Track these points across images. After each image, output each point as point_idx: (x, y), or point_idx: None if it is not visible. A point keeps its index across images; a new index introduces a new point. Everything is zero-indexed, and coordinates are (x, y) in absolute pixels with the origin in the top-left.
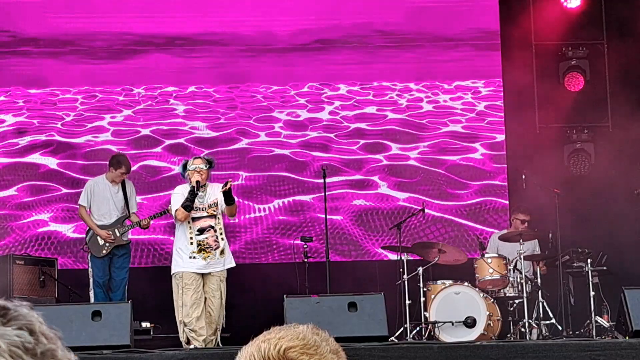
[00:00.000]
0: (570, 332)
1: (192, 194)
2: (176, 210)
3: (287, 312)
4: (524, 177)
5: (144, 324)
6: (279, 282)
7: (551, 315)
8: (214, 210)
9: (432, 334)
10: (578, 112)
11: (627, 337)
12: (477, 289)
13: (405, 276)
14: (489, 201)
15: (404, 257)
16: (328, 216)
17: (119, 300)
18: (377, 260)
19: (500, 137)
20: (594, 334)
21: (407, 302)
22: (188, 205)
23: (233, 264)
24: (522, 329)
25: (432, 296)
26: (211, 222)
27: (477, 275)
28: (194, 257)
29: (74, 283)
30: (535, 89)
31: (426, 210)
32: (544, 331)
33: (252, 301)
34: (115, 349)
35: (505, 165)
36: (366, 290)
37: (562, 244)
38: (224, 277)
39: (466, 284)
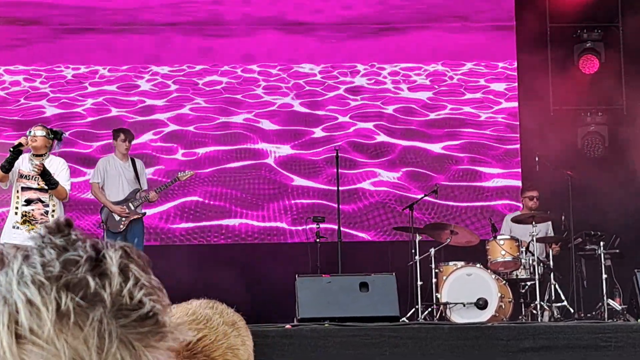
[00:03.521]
0: (582, 315)
1: (12, 155)
2: None
3: (298, 291)
4: (537, 159)
5: None
6: (291, 262)
7: (563, 298)
8: (39, 183)
9: (443, 315)
10: (592, 94)
11: (638, 320)
12: (489, 271)
13: (417, 257)
14: (502, 183)
15: (416, 238)
16: (340, 196)
17: None
18: (389, 241)
19: (514, 119)
20: (606, 316)
21: (419, 283)
22: (4, 165)
23: None
24: (534, 311)
25: (444, 277)
26: (41, 195)
27: (489, 256)
28: (17, 227)
29: None
30: (549, 71)
31: (438, 193)
32: (555, 313)
33: (264, 281)
34: None
35: (519, 147)
36: (378, 271)
37: (575, 227)
38: None
39: (478, 265)
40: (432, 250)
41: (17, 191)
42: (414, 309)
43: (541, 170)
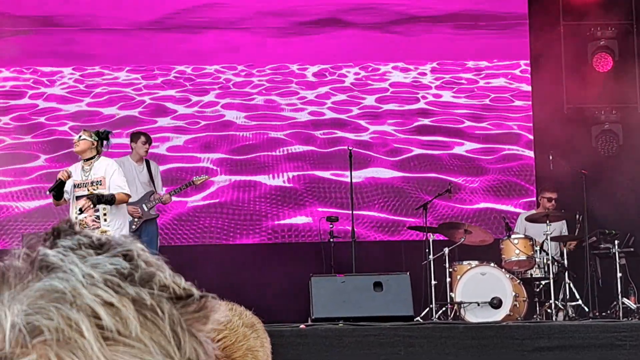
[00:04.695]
0: (597, 314)
1: (56, 185)
2: None
3: (313, 291)
4: (551, 157)
5: None
6: (305, 261)
7: (577, 297)
8: (95, 189)
9: (457, 314)
10: (606, 92)
11: None
12: (503, 270)
13: (431, 256)
14: (516, 182)
15: (430, 237)
16: (354, 195)
17: None
18: (403, 240)
19: (528, 118)
20: (621, 315)
21: (433, 282)
22: (53, 195)
23: None
24: (548, 310)
25: (458, 277)
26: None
27: (503, 256)
28: None
29: None
30: (563, 69)
31: (452, 192)
32: (570, 312)
33: (279, 280)
34: None
35: (533, 146)
36: (392, 271)
37: (589, 225)
38: None
39: (492, 264)
40: (446, 250)
41: (73, 201)
42: (428, 309)
43: (555, 169)
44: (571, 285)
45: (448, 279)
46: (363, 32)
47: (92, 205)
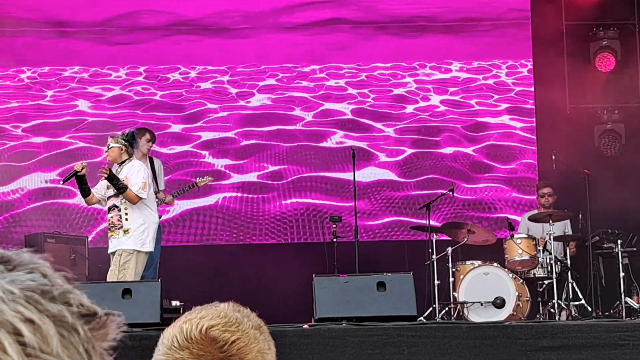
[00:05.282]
0: (600, 313)
1: (77, 182)
2: None
3: (316, 291)
4: (553, 157)
5: (174, 303)
6: (308, 261)
7: (580, 296)
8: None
9: (460, 314)
10: (609, 92)
11: None
12: (506, 270)
13: (434, 256)
14: (519, 181)
15: (433, 237)
16: (357, 196)
17: (149, 279)
18: (406, 240)
19: (531, 117)
20: (624, 314)
21: (436, 282)
22: (81, 192)
23: (133, 246)
24: (551, 310)
25: (461, 276)
26: (115, 201)
27: (506, 255)
28: (109, 237)
29: (105, 262)
30: (565, 69)
31: (455, 191)
32: (573, 312)
33: (281, 280)
34: (145, 326)
35: (535, 146)
36: (395, 271)
37: (592, 225)
38: (124, 255)
39: (495, 264)
40: (449, 250)
41: (106, 202)
42: (431, 309)
43: (558, 168)
44: (574, 284)
45: (451, 279)
46: (363, 32)
47: (105, 175)
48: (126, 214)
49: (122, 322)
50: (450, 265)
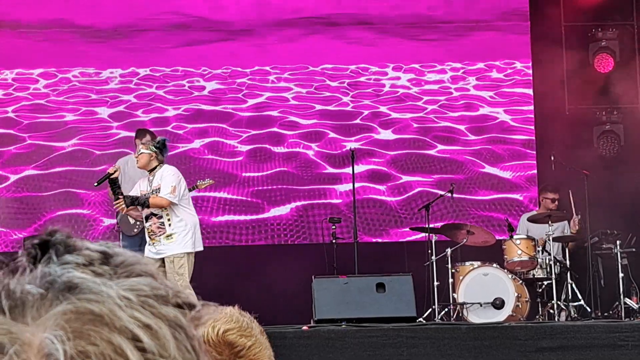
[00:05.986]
0: (599, 314)
1: (110, 185)
2: None
3: (315, 292)
4: (552, 158)
5: None
6: (307, 263)
7: (580, 297)
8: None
9: (460, 315)
10: (608, 93)
11: None
12: (505, 270)
13: (433, 257)
14: (518, 182)
15: (433, 238)
16: (356, 197)
17: None
18: (406, 241)
19: (529, 119)
20: (623, 315)
21: (436, 283)
22: (114, 196)
23: (182, 250)
24: (551, 311)
25: (461, 277)
26: (153, 209)
27: (505, 256)
28: (148, 244)
29: None
30: (564, 70)
31: (455, 192)
32: (572, 313)
33: (280, 282)
34: None
35: (534, 147)
36: (394, 272)
37: (591, 226)
38: (176, 260)
39: (494, 265)
40: (449, 250)
41: (141, 210)
42: (430, 309)
43: (557, 169)
44: (573, 285)
45: (450, 280)
46: (364, 34)
47: (125, 206)
48: (168, 219)
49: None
50: (449, 266)
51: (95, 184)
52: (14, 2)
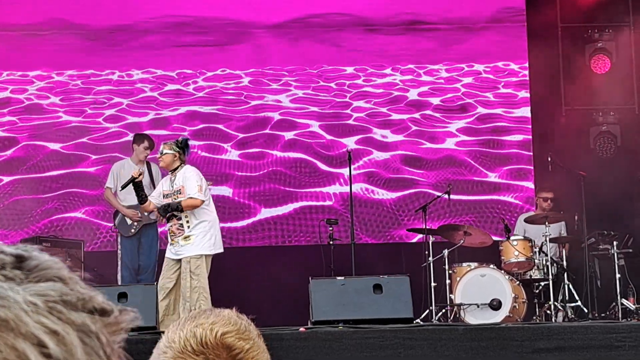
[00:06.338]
0: (596, 315)
1: (134, 188)
2: None
3: (312, 293)
4: (549, 159)
5: None
6: (305, 264)
7: (577, 298)
8: (176, 198)
9: (457, 316)
10: (604, 94)
11: None
12: (502, 271)
13: (430, 258)
14: (515, 183)
15: (430, 239)
16: (353, 198)
17: (146, 282)
18: (403, 242)
19: (526, 119)
20: (620, 316)
21: (433, 284)
22: (138, 199)
23: (200, 252)
24: (548, 312)
25: (458, 278)
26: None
27: (502, 257)
28: (169, 244)
29: (101, 266)
30: (561, 71)
31: (452, 193)
32: (569, 313)
33: (278, 283)
34: (141, 330)
35: (531, 148)
36: (392, 273)
37: (588, 226)
38: (192, 261)
39: (492, 266)
40: (446, 252)
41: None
42: (427, 311)
43: (554, 170)
44: (570, 286)
45: (448, 281)
46: (361, 36)
47: (161, 217)
48: (187, 221)
49: (137, 316)
50: (446, 267)
51: (120, 188)
52: (10, 2)
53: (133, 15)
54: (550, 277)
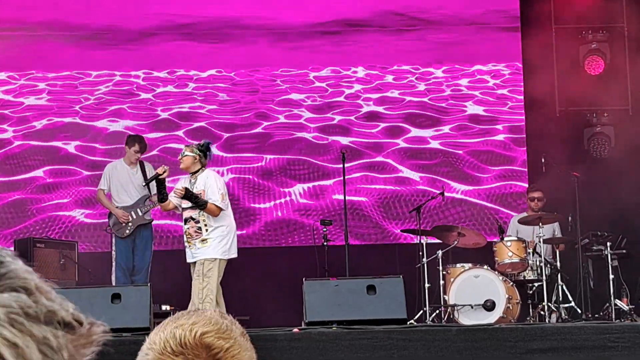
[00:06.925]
0: (590, 315)
1: (157, 186)
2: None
3: (306, 295)
4: (543, 160)
5: (163, 307)
6: (298, 265)
7: (570, 299)
8: None
9: (451, 317)
10: (598, 95)
11: None
12: (496, 272)
13: (424, 259)
14: (509, 184)
15: (424, 240)
16: (347, 199)
17: (140, 283)
18: (397, 243)
19: (520, 121)
20: (613, 317)
21: (427, 285)
22: (158, 196)
23: (214, 255)
24: (542, 312)
25: (452, 279)
26: (192, 213)
27: (496, 258)
28: (187, 247)
29: (95, 266)
30: (555, 72)
31: (446, 194)
32: (563, 314)
33: (271, 284)
34: (134, 331)
35: (525, 149)
36: (385, 274)
37: (582, 227)
38: (206, 263)
39: (485, 267)
40: (440, 252)
41: (182, 212)
42: (421, 311)
43: (547, 171)
44: (564, 287)
45: (441, 282)
46: (356, 37)
47: (182, 195)
48: (205, 225)
49: (107, 329)
50: (440, 268)
51: (144, 183)
52: (6, 2)
53: (130, 16)
54: (544, 278)
